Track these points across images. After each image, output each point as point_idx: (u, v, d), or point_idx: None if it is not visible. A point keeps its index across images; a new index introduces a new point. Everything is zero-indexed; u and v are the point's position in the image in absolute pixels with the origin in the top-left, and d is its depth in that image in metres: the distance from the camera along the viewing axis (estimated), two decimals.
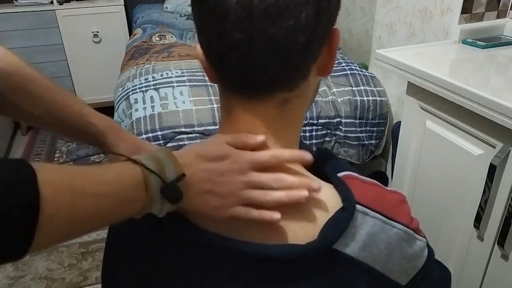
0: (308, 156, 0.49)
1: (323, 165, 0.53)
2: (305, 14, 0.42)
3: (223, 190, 0.46)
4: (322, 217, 0.47)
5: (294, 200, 0.46)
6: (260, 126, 0.49)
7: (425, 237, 0.53)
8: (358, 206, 0.48)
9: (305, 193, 0.46)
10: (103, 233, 1.97)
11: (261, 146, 0.48)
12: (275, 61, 0.44)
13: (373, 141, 1.80)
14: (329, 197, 0.49)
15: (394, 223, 0.49)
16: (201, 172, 0.46)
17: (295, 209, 0.47)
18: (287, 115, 0.49)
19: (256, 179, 0.46)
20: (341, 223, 0.47)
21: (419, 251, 0.52)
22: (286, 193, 0.46)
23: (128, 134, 0.67)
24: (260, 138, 0.48)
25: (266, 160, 0.47)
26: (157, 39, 2.43)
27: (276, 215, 0.45)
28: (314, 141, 1.71)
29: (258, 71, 0.45)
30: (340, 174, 0.51)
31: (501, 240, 0.95)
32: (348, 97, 1.75)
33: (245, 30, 0.42)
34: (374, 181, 0.52)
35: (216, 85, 0.52)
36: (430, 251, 0.54)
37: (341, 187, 0.49)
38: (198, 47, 0.49)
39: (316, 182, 0.49)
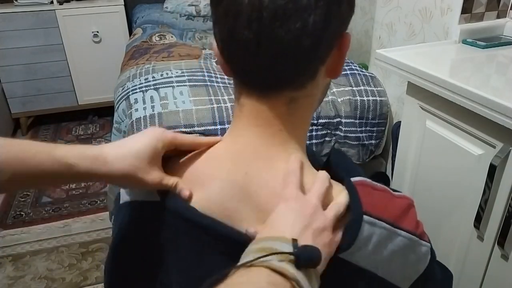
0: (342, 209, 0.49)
1: (337, 167, 0.55)
2: (313, 18, 0.44)
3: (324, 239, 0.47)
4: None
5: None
6: (270, 122, 0.51)
7: (429, 241, 0.53)
8: (366, 217, 0.48)
9: None
10: (103, 233, 1.97)
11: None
12: (281, 62, 0.46)
13: (373, 141, 1.80)
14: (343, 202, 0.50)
15: (400, 231, 0.50)
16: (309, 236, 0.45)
17: None
18: (294, 113, 0.51)
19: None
20: (348, 240, 0.47)
21: (422, 256, 0.52)
22: None
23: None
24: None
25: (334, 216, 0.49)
26: (157, 39, 2.43)
27: None
28: (314, 141, 1.71)
29: (265, 70, 0.47)
30: (353, 180, 0.51)
31: (501, 240, 0.95)
32: (348, 97, 1.75)
33: (254, 30, 0.44)
34: (385, 186, 0.53)
35: (216, 84, 0.54)
36: (433, 254, 0.54)
37: (353, 201, 0.49)
38: (214, 43, 0.51)
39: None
